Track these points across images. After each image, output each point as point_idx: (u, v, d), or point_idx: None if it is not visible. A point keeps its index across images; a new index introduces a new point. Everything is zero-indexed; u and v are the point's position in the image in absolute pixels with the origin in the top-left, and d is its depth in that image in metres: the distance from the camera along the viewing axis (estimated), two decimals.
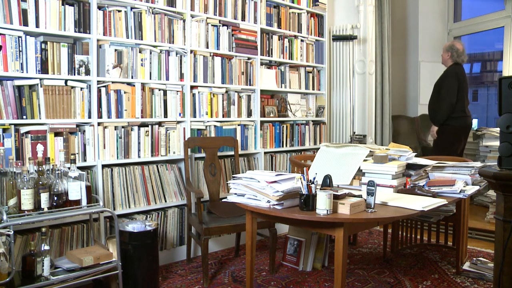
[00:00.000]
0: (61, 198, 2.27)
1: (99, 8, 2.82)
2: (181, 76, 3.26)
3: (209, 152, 3.21)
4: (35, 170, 2.24)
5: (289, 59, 4.05)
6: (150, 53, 3.07)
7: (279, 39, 3.96)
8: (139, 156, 3.01)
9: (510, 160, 1.54)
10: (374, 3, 4.65)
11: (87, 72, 2.77)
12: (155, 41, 3.08)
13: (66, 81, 2.68)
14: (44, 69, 2.60)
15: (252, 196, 2.14)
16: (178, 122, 3.26)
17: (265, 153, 3.82)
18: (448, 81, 4.05)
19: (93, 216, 2.60)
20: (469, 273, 2.89)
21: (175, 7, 3.18)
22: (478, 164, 2.75)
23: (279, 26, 3.95)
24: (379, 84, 4.84)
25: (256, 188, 2.11)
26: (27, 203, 2.14)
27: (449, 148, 4.07)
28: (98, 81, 2.81)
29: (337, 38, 4.47)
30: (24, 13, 2.50)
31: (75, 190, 2.29)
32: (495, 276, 1.59)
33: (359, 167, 2.59)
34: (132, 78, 2.98)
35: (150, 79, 3.08)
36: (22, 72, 2.51)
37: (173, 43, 3.19)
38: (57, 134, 2.64)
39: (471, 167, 2.67)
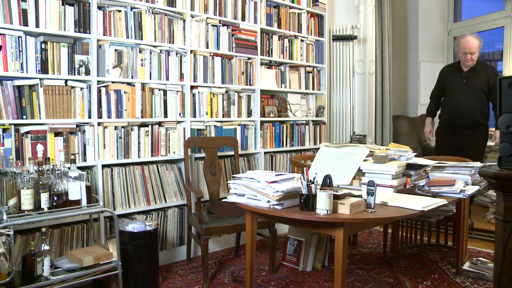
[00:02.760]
0: (61, 198, 2.27)
1: (99, 8, 2.82)
2: (181, 76, 3.26)
3: (209, 152, 3.20)
4: (35, 170, 2.24)
5: (289, 59, 4.05)
6: (150, 53, 3.07)
7: (279, 39, 3.96)
8: (139, 156, 3.01)
9: (510, 160, 1.53)
10: (374, 3, 4.65)
11: (87, 72, 2.77)
12: (155, 41, 3.08)
13: (66, 81, 2.68)
14: (44, 69, 2.60)
15: (252, 196, 2.14)
16: (178, 122, 3.26)
17: (265, 153, 3.82)
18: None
19: (93, 216, 2.60)
20: (469, 273, 2.89)
21: (175, 7, 3.18)
22: (478, 164, 2.74)
23: (279, 26, 3.95)
24: (379, 84, 4.83)
25: (256, 188, 2.10)
26: (27, 203, 2.14)
27: None
28: (98, 81, 2.81)
29: (337, 38, 4.47)
30: (24, 13, 2.50)
31: (75, 190, 2.29)
32: (495, 276, 1.59)
33: (359, 167, 2.59)
34: (132, 78, 2.98)
35: (150, 79, 3.08)
36: (22, 72, 2.51)
37: (173, 43, 3.19)
38: (57, 134, 2.64)
39: (471, 167, 2.66)
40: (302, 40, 4.16)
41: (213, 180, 3.20)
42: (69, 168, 2.38)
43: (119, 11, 2.90)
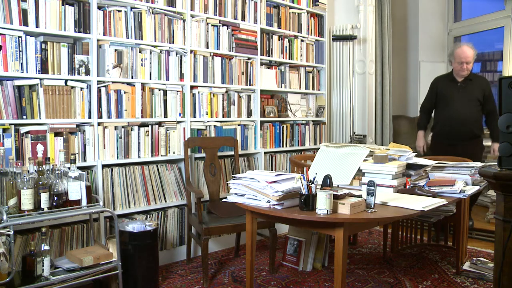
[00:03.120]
0: (61, 198, 2.27)
1: (99, 8, 2.81)
2: (181, 76, 3.26)
3: (209, 152, 3.20)
4: (35, 170, 2.24)
5: (289, 59, 4.05)
6: (150, 53, 3.07)
7: (279, 39, 3.96)
8: (139, 156, 3.01)
9: (510, 160, 1.53)
10: (374, 3, 4.65)
11: (87, 72, 2.77)
12: (155, 41, 3.08)
13: (66, 81, 2.68)
14: (44, 69, 2.60)
15: (252, 196, 2.14)
16: (178, 122, 3.26)
17: (265, 153, 3.82)
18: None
19: (93, 216, 2.60)
20: (469, 273, 2.89)
21: (175, 7, 3.18)
22: (478, 164, 2.75)
23: (279, 26, 3.95)
24: (379, 84, 4.83)
25: (256, 188, 2.10)
26: (27, 203, 2.14)
27: None
28: (98, 81, 2.81)
29: (337, 38, 4.47)
30: (24, 13, 2.50)
31: (75, 190, 2.29)
32: (495, 276, 1.59)
33: (359, 167, 2.59)
34: (132, 78, 2.98)
35: (150, 79, 3.08)
36: (22, 72, 2.51)
37: (173, 43, 3.19)
38: (57, 134, 2.64)
39: (471, 167, 2.67)
40: (302, 40, 4.16)
41: (213, 180, 3.20)
42: (69, 168, 2.38)
43: (119, 11, 2.90)
